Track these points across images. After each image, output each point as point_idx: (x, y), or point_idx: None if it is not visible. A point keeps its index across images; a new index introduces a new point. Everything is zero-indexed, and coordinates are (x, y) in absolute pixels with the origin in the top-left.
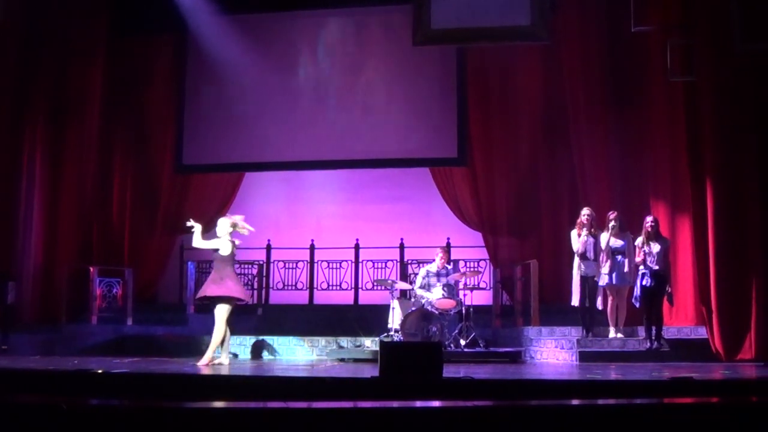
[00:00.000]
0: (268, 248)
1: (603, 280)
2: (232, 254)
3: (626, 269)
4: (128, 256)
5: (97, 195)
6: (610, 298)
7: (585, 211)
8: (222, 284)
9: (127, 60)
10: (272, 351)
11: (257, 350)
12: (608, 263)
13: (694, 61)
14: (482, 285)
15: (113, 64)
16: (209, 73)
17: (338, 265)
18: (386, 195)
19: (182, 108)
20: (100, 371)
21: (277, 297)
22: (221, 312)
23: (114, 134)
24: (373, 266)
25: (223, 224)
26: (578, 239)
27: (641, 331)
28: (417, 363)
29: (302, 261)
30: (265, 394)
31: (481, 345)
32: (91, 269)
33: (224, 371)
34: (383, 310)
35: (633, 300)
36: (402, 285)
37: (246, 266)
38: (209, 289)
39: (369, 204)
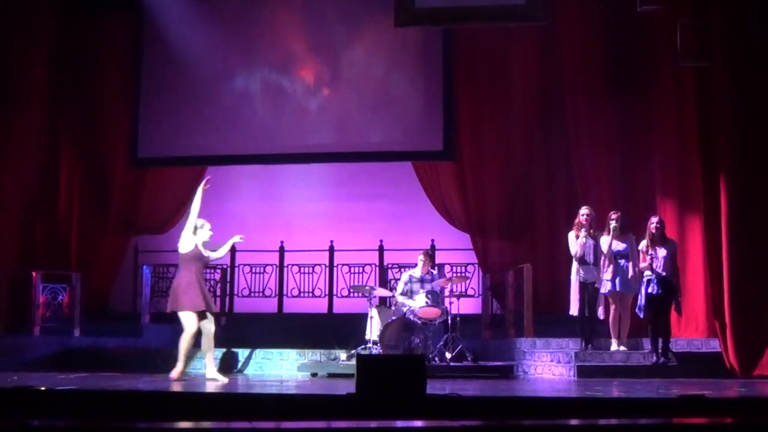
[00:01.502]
0: (233, 251)
1: (605, 287)
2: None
3: (630, 275)
4: (76, 259)
5: (42, 191)
6: (612, 307)
7: (584, 211)
8: None
9: (77, 41)
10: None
11: (225, 364)
12: (610, 268)
13: (706, 44)
14: (470, 292)
15: (61, 45)
16: (168, 57)
17: (311, 269)
18: (364, 192)
19: (138, 95)
20: (42, 388)
21: (242, 305)
22: None
23: (61, 123)
24: (350, 271)
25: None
26: (576, 241)
27: (646, 344)
28: (398, 378)
29: (271, 265)
30: (229, 413)
31: (469, 358)
32: (34, 274)
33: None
34: (360, 319)
35: (637, 309)
36: (381, 292)
37: (208, 271)
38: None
39: (345, 202)
